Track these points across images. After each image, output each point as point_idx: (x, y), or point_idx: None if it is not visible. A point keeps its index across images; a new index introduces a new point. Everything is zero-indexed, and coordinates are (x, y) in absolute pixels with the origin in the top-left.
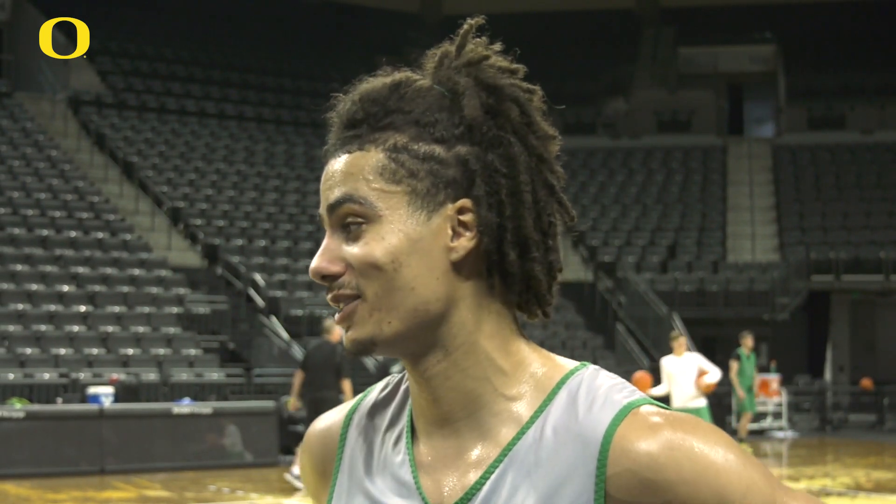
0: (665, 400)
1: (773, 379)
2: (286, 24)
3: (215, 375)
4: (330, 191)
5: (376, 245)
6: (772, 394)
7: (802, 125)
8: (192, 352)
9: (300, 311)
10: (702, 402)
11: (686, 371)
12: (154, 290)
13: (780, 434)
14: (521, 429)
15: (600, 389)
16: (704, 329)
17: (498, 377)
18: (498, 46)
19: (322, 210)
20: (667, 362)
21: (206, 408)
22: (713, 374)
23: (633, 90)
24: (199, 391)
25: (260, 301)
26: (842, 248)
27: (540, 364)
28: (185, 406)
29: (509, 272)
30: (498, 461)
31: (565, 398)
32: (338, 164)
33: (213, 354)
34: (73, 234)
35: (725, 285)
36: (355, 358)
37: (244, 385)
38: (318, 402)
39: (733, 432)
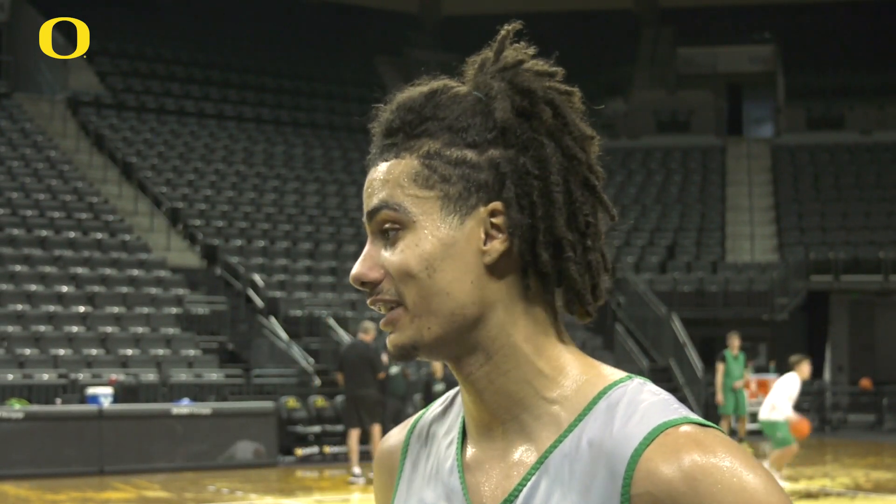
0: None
1: (773, 379)
2: (286, 24)
3: (214, 376)
4: (369, 198)
5: (410, 252)
6: None
7: (801, 125)
8: (192, 352)
9: (299, 311)
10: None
11: (794, 392)
12: (153, 290)
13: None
14: (560, 436)
15: (641, 405)
16: (703, 329)
17: (539, 380)
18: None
19: (364, 217)
20: (794, 381)
21: (205, 408)
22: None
23: (631, 90)
24: (198, 392)
25: (259, 301)
26: (841, 249)
27: (582, 370)
28: (184, 407)
29: (544, 273)
30: (535, 468)
31: (604, 410)
32: (377, 172)
33: (213, 355)
34: (72, 234)
35: (724, 285)
36: (399, 361)
37: (243, 385)
38: (358, 401)
39: (732, 432)
